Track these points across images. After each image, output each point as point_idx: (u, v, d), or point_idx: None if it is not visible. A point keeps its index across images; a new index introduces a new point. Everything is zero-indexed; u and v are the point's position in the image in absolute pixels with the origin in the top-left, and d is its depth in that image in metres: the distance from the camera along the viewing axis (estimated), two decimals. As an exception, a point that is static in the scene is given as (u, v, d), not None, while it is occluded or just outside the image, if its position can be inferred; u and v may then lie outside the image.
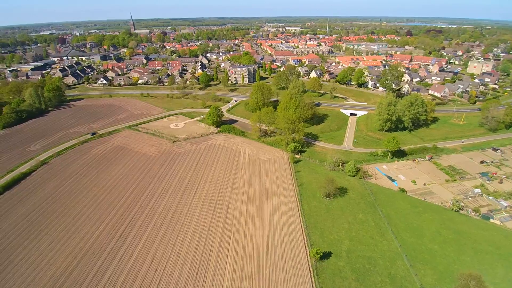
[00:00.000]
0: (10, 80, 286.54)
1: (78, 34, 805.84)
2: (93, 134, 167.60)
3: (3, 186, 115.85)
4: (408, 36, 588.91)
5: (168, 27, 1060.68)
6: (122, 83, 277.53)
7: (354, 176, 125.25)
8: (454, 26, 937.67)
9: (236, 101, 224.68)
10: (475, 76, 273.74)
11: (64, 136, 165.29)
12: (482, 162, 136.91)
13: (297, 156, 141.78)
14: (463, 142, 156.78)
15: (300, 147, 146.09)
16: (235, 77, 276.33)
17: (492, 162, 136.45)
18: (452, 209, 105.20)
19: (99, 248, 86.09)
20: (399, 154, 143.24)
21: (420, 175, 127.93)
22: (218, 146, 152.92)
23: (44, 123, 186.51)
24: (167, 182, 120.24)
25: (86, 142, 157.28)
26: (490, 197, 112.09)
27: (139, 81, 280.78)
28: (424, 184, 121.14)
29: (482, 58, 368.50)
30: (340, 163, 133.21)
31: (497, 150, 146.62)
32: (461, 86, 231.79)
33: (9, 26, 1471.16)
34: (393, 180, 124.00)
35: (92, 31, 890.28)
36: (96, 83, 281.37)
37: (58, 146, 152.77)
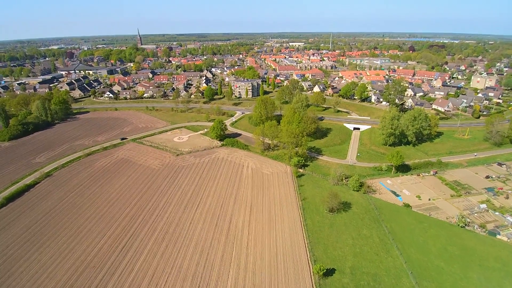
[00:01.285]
0: (18, 92, 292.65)
1: (86, 48, 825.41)
2: (122, 139, 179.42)
3: (7, 198, 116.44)
4: (411, 51, 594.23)
5: (174, 42, 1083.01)
6: (128, 96, 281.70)
7: (358, 190, 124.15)
8: (456, 41, 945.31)
9: (243, 113, 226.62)
10: (478, 91, 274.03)
11: (69, 148, 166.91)
12: (487, 177, 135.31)
13: (300, 170, 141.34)
14: (475, 155, 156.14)
15: (304, 161, 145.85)
16: (239, 91, 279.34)
17: (498, 177, 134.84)
18: (458, 224, 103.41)
19: (100, 262, 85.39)
20: (403, 168, 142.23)
21: (425, 190, 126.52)
22: (221, 159, 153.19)
23: (50, 136, 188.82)
24: (170, 195, 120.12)
25: (90, 154, 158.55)
26: (497, 213, 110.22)
27: (144, 95, 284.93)
28: (429, 199, 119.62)
29: (485, 73, 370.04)
30: (343, 178, 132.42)
31: (503, 164, 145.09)
32: (465, 101, 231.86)
33: (19, 40, 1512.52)
34: (397, 195, 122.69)
35: (100, 46, 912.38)
36: (102, 96, 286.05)
37: (63, 158, 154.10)
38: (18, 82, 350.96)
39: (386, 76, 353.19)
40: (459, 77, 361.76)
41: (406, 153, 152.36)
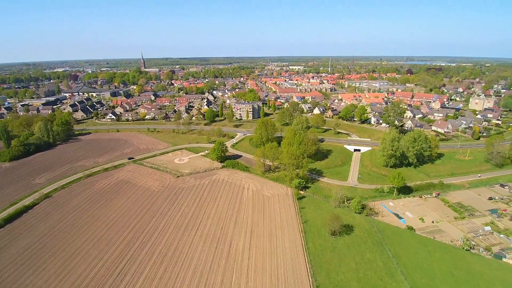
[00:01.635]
0: (21, 114, 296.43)
1: (90, 71, 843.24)
2: (130, 158, 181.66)
3: (5, 219, 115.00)
4: (409, 74, 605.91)
5: (177, 66, 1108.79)
6: (130, 118, 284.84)
7: (360, 213, 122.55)
8: (453, 64, 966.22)
9: (244, 135, 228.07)
10: (477, 112, 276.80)
11: (70, 169, 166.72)
12: (490, 198, 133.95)
13: (301, 192, 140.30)
14: (479, 176, 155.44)
15: (304, 183, 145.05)
16: (240, 113, 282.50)
17: (501, 198, 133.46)
18: (463, 248, 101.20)
19: (97, 286, 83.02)
20: (405, 190, 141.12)
21: (428, 212, 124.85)
22: (222, 181, 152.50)
23: (51, 156, 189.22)
24: (169, 217, 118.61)
25: (91, 175, 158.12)
26: (501, 235, 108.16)
27: (146, 117, 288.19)
28: (433, 222, 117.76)
29: (483, 95, 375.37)
30: (345, 200, 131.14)
31: (505, 186, 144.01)
32: (464, 122, 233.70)
33: (25, 63, 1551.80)
34: (400, 218, 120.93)
35: (104, 69, 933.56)
36: (104, 118, 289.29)
37: (63, 179, 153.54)
38: (21, 104, 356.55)
39: (385, 98, 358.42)
40: (457, 99, 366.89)
41: (407, 175, 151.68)
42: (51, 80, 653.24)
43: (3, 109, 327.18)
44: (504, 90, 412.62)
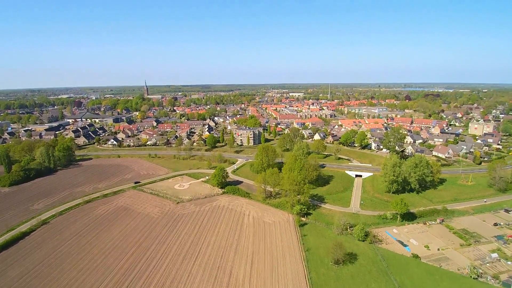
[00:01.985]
0: (24, 139, 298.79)
1: (94, 98, 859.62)
2: (136, 183, 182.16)
3: (1, 246, 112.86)
4: (407, 100, 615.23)
5: (179, 93, 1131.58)
6: (132, 144, 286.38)
7: (363, 240, 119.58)
8: (450, 90, 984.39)
9: (246, 160, 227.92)
10: (477, 137, 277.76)
11: (69, 195, 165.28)
12: (495, 224, 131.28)
13: (303, 218, 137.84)
14: (485, 201, 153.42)
15: (306, 209, 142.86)
16: (241, 139, 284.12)
17: (506, 224, 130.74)
18: (471, 276, 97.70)
19: (90, 319, 79.47)
20: (408, 216, 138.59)
21: (433, 239, 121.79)
22: (222, 207, 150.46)
23: (51, 182, 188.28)
24: (168, 245, 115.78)
25: (90, 201, 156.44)
26: (509, 262, 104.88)
27: (147, 142, 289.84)
28: (438, 249, 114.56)
29: (482, 120, 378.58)
30: (348, 227, 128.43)
31: (510, 211, 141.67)
32: (464, 147, 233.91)
33: (30, 89, 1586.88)
34: (405, 245, 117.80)
35: (107, 96, 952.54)
36: (106, 143, 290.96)
37: (61, 205, 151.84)
38: (24, 129, 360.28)
39: (385, 124, 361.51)
40: (457, 124, 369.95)
41: (410, 201, 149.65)
42: (55, 106, 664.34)
43: (6, 134, 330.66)
44: (502, 115, 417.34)
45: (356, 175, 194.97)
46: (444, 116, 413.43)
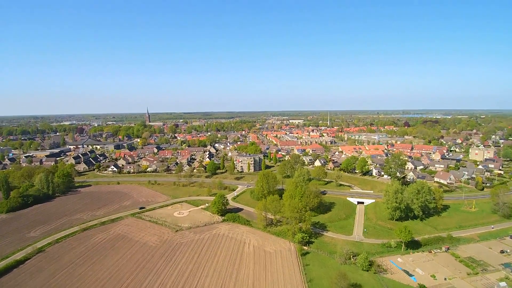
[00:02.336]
0: (24, 165, 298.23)
1: (96, 125, 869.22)
2: (141, 208, 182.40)
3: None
4: (406, 127, 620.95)
5: (181, 120, 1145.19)
6: (132, 170, 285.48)
7: (367, 270, 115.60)
8: (449, 117, 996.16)
9: (247, 187, 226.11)
10: (478, 163, 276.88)
11: (67, 222, 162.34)
12: (502, 251, 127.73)
13: (305, 247, 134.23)
14: (492, 228, 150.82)
15: (308, 237, 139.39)
16: (241, 166, 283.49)
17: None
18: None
19: None
20: (413, 245, 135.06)
21: (439, 268, 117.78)
22: (222, 235, 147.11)
23: (48, 209, 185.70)
24: (165, 276, 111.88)
25: (87, 229, 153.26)
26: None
27: (148, 169, 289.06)
28: (445, 279, 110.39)
29: (482, 145, 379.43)
30: (351, 256, 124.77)
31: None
32: (466, 173, 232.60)
33: (33, 116, 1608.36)
34: (410, 275, 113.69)
35: (110, 123, 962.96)
36: (106, 170, 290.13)
37: (58, 233, 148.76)
38: (25, 155, 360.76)
39: (385, 150, 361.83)
40: (457, 150, 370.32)
41: (414, 228, 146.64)
42: (57, 133, 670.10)
43: (6, 160, 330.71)
44: (502, 140, 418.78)
45: (358, 202, 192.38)
46: (444, 142, 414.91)
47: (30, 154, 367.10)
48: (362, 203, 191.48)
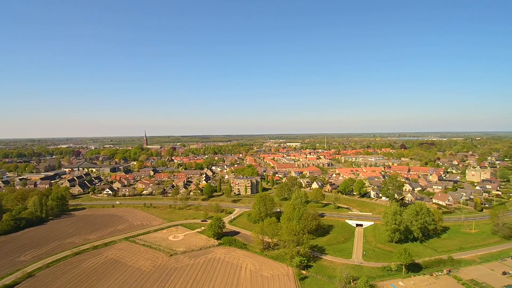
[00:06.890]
0: (18, 188, 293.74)
1: (93, 148, 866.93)
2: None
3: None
4: (403, 149, 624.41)
5: (178, 143, 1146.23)
6: (127, 193, 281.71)
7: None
8: (445, 139, 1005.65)
9: (247, 209, 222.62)
10: (475, 184, 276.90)
11: (58, 246, 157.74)
12: (504, 273, 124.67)
13: (303, 272, 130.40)
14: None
15: (306, 261, 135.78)
16: (238, 188, 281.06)
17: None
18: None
19: None
20: (413, 268, 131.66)
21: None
22: (218, 260, 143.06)
23: (41, 232, 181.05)
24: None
25: (79, 253, 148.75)
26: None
27: (143, 192, 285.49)
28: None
29: (478, 167, 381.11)
30: (351, 280, 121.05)
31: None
32: (464, 194, 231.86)
33: (30, 139, 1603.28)
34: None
35: (107, 146, 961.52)
36: (101, 193, 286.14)
37: (49, 257, 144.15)
38: (20, 178, 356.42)
39: (382, 172, 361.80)
40: (454, 171, 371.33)
41: (414, 251, 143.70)
42: (53, 156, 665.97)
43: (0, 182, 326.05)
44: (498, 161, 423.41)
45: (357, 225, 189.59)
46: (441, 164, 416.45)
47: (25, 177, 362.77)
48: (361, 225, 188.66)
